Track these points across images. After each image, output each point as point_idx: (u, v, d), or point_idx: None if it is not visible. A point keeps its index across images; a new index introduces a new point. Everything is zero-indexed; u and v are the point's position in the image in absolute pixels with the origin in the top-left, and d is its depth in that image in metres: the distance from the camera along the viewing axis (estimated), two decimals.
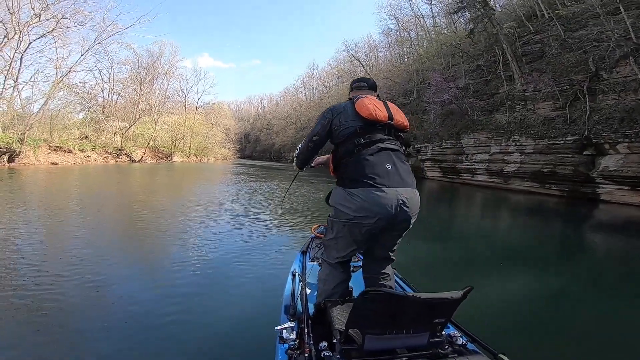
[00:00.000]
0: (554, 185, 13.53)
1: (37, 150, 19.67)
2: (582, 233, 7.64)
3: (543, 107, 15.10)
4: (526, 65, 17.20)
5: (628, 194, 11.10)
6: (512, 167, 15.29)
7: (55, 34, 21.55)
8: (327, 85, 55.50)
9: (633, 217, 9.45)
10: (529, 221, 8.81)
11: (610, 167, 11.51)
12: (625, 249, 6.17)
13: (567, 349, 2.43)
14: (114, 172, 18.47)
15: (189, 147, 38.63)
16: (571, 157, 12.94)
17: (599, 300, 3.53)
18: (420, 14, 31.57)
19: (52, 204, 7.66)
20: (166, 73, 37.95)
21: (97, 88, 30.38)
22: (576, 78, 13.98)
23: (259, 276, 3.40)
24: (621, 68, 12.64)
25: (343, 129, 1.61)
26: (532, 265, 4.61)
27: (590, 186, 12.29)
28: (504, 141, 15.92)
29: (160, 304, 2.67)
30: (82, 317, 2.46)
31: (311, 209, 8.16)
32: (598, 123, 12.27)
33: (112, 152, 26.43)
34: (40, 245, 4.32)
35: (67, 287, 2.97)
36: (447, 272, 4.11)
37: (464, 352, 1.25)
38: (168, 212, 7.10)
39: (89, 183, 13.15)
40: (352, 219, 1.52)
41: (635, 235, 7.34)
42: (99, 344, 2.13)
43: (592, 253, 5.91)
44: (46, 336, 2.21)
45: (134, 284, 3.12)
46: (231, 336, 2.24)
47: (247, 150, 75.15)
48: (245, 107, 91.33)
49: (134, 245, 4.67)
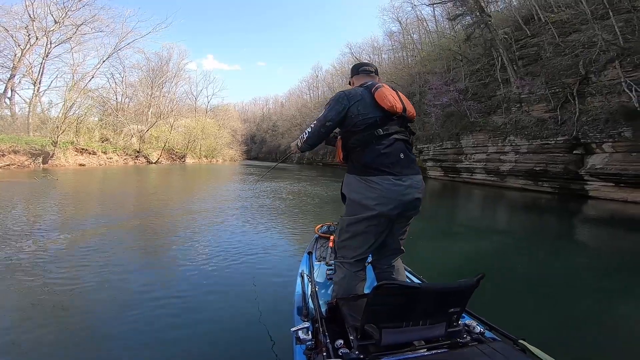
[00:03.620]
0: (546, 183, 14.44)
1: (66, 152, 21.20)
2: (572, 226, 8.24)
3: (537, 109, 15.96)
4: (522, 69, 17.92)
5: (613, 190, 11.96)
6: (507, 165, 16.21)
7: (74, 40, 22.89)
8: (332, 86, 56.09)
9: (617, 211, 10.26)
10: (524, 215, 9.54)
11: (597, 165, 12.38)
12: (613, 239, 6.75)
13: (578, 330, 2.58)
14: (137, 173, 19.66)
15: (199, 149, 39.95)
16: (562, 156, 13.82)
17: (597, 284, 3.84)
18: (423, 17, 32.30)
19: (109, 200, 8.85)
20: (175, 76, 39.31)
21: (111, 92, 31.94)
22: (567, 81, 14.78)
23: (268, 279, 3.40)
24: (608, 71, 13.42)
25: (362, 118, 1.57)
26: (531, 256, 5.01)
27: (580, 183, 13.15)
28: (500, 141, 16.84)
29: (171, 310, 2.64)
30: (101, 316, 2.53)
31: (314, 209, 8.54)
32: (586, 124, 13.13)
33: (131, 154, 27.98)
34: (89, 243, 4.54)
35: (89, 281, 3.13)
36: (452, 264, 4.29)
37: (484, 340, 1.24)
38: (186, 213, 7.06)
39: (128, 182, 14.63)
40: (373, 212, 1.52)
41: (620, 227, 8.08)
42: (111, 344, 2.17)
43: (584, 244, 6.35)
44: (65, 335, 2.25)
45: (145, 288, 3.06)
46: (247, 340, 2.24)
47: (253, 152, 75.47)
48: (250, 109, 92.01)
49: (146, 248, 4.67)
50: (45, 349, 2.09)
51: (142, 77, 35.44)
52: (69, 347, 2.12)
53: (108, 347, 2.15)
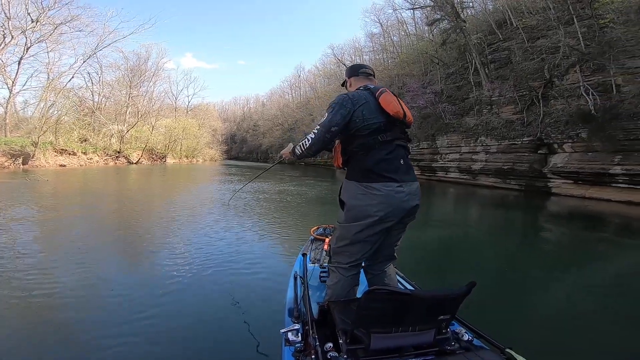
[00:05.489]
0: (514, 181, 15.31)
1: (46, 153, 20.79)
2: (537, 221, 8.74)
3: (506, 110, 16.83)
4: (493, 72, 18.73)
5: (572, 187, 12.83)
6: (478, 165, 17.06)
7: (51, 39, 22.38)
8: (314, 86, 56.11)
9: (575, 206, 10.97)
10: (495, 212, 10.08)
11: (558, 164, 13.25)
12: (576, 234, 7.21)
13: (564, 335, 2.52)
14: (119, 174, 19.33)
15: (180, 149, 39.53)
16: (527, 156, 14.69)
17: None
18: (404, 20, 32.79)
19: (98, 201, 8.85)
20: (154, 75, 38.71)
21: (88, 91, 31.19)
22: (534, 84, 15.64)
23: (261, 280, 3.38)
24: (570, 75, 14.30)
25: (367, 123, 1.53)
26: (497, 249, 5.28)
27: (543, 181, 14.03)
28: (472, 142, 17.69)
29: (161, 310, 2.62)
30: (90, 319, 2.49)
31: (308, 211, 8.64)
32: (549, 125, 14.02)
33: (112, 154, 27.53)
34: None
35: (77, 287, 3.04)
36: (432, 266, 4.32)
37: (471, 348, 1.25)
38: (170, 216, 6.98)
39: (117, 182, 14.38)
40: (374, 219, 1.50)
41: (578, 221, 8.71)
42: (103, 344, 2.15)
43: (546, 239, 6.68)
44: (55, 340, 2.23)
45: (135, 289, 3.05)
46: (236, 340, 2.24)
47: (233, 151, 74.60)
48: (230, 108, 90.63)
49: (132, 250, 4.65)
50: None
51: (120, 76, 34.75)
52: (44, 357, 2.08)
53: (94, 347, 2.14)
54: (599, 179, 11.82)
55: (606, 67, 12.39)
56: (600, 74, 12.87)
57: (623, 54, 12.02)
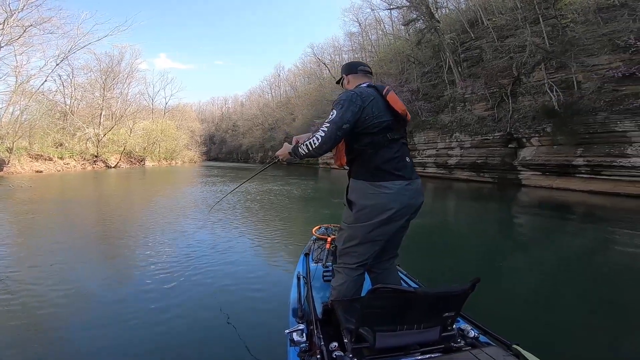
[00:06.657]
0: (487, 174, 16.07)
1: (21, 158, 20.03)
2: (511, 212, 9.12)
3: (478, 107, 17.59)
4: (466, 70, 19.36)
5: (540, 179, 13.63)
6: (454, 159, 17.77)
7: (20, 41, 21.52)
8: (294, 85, 56.15)
9: (543, 196, 11.61)
10: (472, 204, 10.59)
11: (527, 157, 14.03)
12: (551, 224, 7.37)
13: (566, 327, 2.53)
14: (98, 179, 18.63)
15: (158, 152, 38.76)
16: (499, 150, 15.46)
17: None
18: (381, 19, 33.43)
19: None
20: (127, 77, 37.72)
21: (59, 94, 30.10)
22: (503, 82, 16.38)
23: (264, 280, 3.38)
24: (535, 73, 15.07)
25: (377, 120, 1.50)
26: (486, 246, 5.31)
27: (514, 173, 14.82)
28: (447, 138, 18.42)
29: (165, 313, 2.63)
30: (95, 331, 2.41)
31: (304, 210, 8.66)
32: (517, 121, 14.80)
33: (89, 159, 26.70)
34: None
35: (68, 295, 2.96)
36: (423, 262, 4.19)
37: (477, 345, 1.25)
38: (165, 218, 6.89)
39: (89, 188, 13.81)
40: (385, 217, 1.48)
41: (548, 210, 9.08)
42: (108, 350, 2.16)
43: (522, 230, 6.93)
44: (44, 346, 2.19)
45: (135, 291, 3.07)
46: (242, 342, 2.21)
47: (212, 152, 73.33)
48: (208, 109, 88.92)
49: (133, 254, 4.54)
50: None
51: (93, 78, 33.66)
52: None
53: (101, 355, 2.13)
54: (564, 170, 12.63)
55: (568, 65, 13.20)
56: (563, 71, 13.71)
57: (583, 52, 12.86)
